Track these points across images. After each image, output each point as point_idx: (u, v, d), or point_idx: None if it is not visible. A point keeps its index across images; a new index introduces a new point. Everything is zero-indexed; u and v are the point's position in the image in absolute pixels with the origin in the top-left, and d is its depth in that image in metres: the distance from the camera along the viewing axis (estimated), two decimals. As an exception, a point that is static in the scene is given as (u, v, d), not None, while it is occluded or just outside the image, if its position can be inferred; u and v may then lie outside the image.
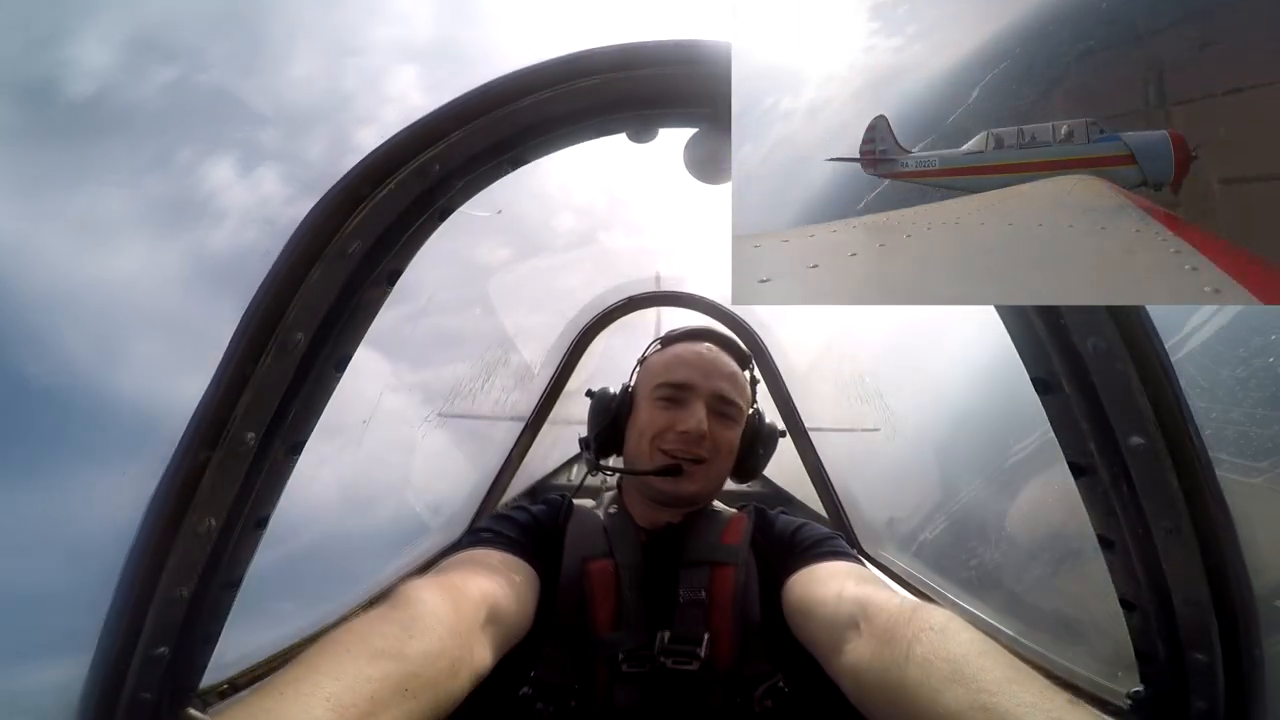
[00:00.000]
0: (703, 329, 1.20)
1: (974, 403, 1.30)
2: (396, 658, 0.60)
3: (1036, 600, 1.14)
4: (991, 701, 0.54)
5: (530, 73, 0.60)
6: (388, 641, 0.61)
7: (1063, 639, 1.03)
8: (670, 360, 1.11)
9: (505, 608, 0.81)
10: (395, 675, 0.58)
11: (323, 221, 0.64)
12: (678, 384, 1.06)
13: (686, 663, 0.90)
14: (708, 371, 1.07)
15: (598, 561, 0.99)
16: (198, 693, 0.83)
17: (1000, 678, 0.57)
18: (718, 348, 1.14)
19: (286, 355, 0.67)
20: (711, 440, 1.04)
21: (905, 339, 1.54)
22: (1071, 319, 0.63)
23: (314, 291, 0.66)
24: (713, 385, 1.06)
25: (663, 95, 0.61)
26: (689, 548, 1.02)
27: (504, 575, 0.86)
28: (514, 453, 2.12)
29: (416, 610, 0.68)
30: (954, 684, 0.57)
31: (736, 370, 1.13)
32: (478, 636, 0.73)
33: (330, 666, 0.56)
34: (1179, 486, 0.66)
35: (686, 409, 1.04)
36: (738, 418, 1.10)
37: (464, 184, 0.66)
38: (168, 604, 0.70)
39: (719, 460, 1.07)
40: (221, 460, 0.68)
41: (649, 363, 1.16)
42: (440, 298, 1.36)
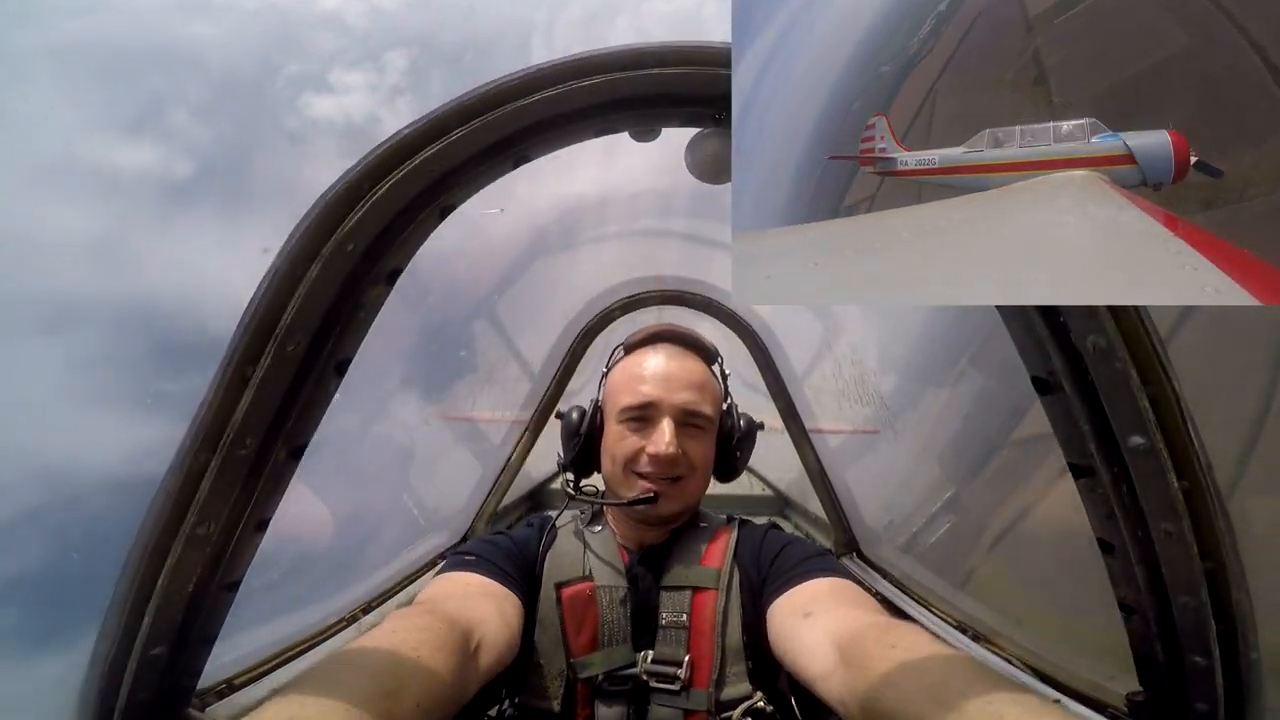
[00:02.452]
0: (662, 330, 1.15)
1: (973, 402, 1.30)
2: (400, 677, 0.61)
3: (1035, 601, 1.14)
4: (961, 715, 0.54)
5: (533, 71, 0.60)
6: (391, 661, 0.62)
7: (1061, 641, 1.03)
8: (632, 376, 1.07)
9: (491, 636, 0.81)
10: (400, 694, 0.59)
11: (321, 219, 0.63)
12: (641, 405, 1.03)
13: (669, 683, 0.91)
14: (671, 385, 1.04)
15: (577, 585, 0.99)
16: (196, 693, 0.83)
17: (967, 690, 0.57)
18: (680, 350, 1.10)
19: (286, 356, 0.67)
20: (685, 458, 1.02)
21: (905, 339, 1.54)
22: (1071, 319, 0.64)
23: (313, 291, 0.66)
24: (678, 399, 1.03)
25: (665, 95, 0.61)
26: (672, 570, 1.02)
27: (490, 603, 0.87)
28: (514, 455, 2.12)
29: (415, 634, 0.69)
30: (925, 702, 0.58)
31: (702, 373, 1.09)
32: (463, 662, 0.74)
33: (318, 692, 0.57)
34: (1179, 487, 0.66)
35: (655, 428, 1.02)
36: (709, 426, 1.07)
37: (465, 181, 0.66)
38: (167, 605, 0.70)
39: (695, 475, 1.05)
40: (221, 464, 0.68)
41: (612, 376, 1.13)
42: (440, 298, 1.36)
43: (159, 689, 0.74)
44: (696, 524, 1.10)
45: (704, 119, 0.63)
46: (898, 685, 0.61)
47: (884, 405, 1.64)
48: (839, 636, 0.75)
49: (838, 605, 0.85)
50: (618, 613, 0.98)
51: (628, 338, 1.18)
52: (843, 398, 1.83)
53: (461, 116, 0.61)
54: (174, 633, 0.72)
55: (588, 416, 1.11)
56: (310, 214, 0.64)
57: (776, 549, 1.03)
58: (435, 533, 1.89)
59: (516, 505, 2.61)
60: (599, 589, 0.99)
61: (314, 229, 0.64)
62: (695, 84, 0.60)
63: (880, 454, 1.79)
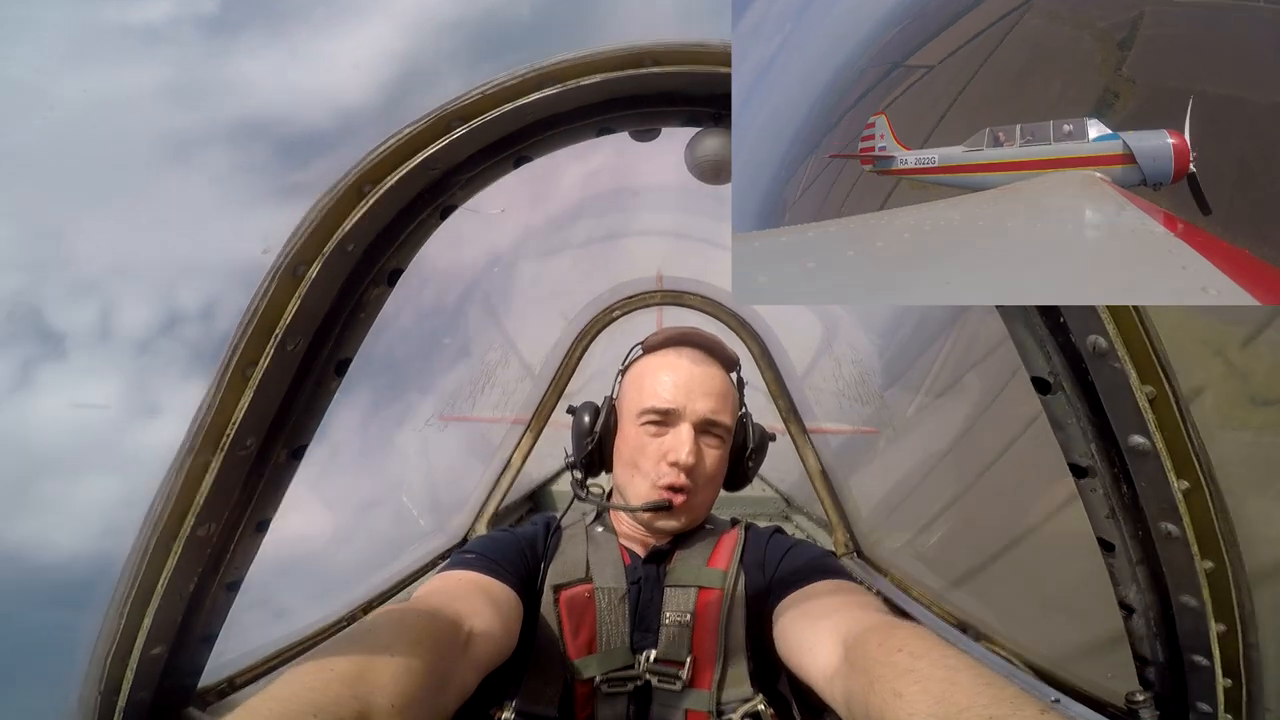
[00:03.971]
0: (686, 333, 1.13)
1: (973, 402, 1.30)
2: (371, 679, 0.60)
3: (1036, 601, 1.14)
4: (963, 718, 0.54)
5: (533, 71, 0.60)
6: (362, 663, 0.62)
7: (1062, 640, 1.03)
8: (654, 378, 1.05)
9: (484, 628, 0.81)
10: (372, 696, 0.59)
11: (322, 219, 0.63)
12: (663, 410, 1.02)
13: (670, 683, 0.91)
14: (693, 392, 1.03)
15: (577, 587, 0.99)
16: (197, 692, 0.83)
17: (970, 692, 0.57)
18: (703, 356, 1.09)
19: (286, 357, 0.67)
20: (701, 467, 1.01)
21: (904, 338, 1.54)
22: (1071, 319, 0.64)
23: (313, 291, 0.66)
24: (699, 407, 1.02)
25: (665, 95, 0.61)
26: (677, 569, 1.01)
27: (484, 598, 0.87)
28: (514, 455, 2.12)
29: (389, 631, 0.69)
30: (927, 706, 0.58)
31: (724, 382, 1.08)
32: (456, 655, 0.74)
33: (317, 683, 0.57)
34: (1179, 488, 0.66)
35: (674, 435, 1.01)
36: (726, 436, 1.06)
37: (466, 181, 0.66)
38: (167, 605, 0.70)
39: (708, 485, 1.05)
40: (222, 465, 0.68)
41: (631, 374, 1.11)
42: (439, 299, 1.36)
43: (160, 688, 0.74)
44: (702, 526, 1.10)
45: (704, 118, 0.63)
46: (899, 689, 0.61)
47: (884, 404, 1.64)
48: (843, 638, 0.75)
49: (842, 607, 0.85)
50: (617, 614, 0.98)
51: (648, 338, 1.16)
52: (842, 397, 1.83)
53: (462, 116, 0.61)
54: (175, 632, 0.73)
55: (601, 415, 1.10)
56: (310, 214, 0.64)
57: (782, 552, 1.03)
58: (435, 533, 1.89)
59: (517, 506, 2.61)
60: (599, 590, 0.99)
61: (314, 229, 0.64)
62: (695, 84, 0.60)
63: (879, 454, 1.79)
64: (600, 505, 1.08)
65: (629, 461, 1.04)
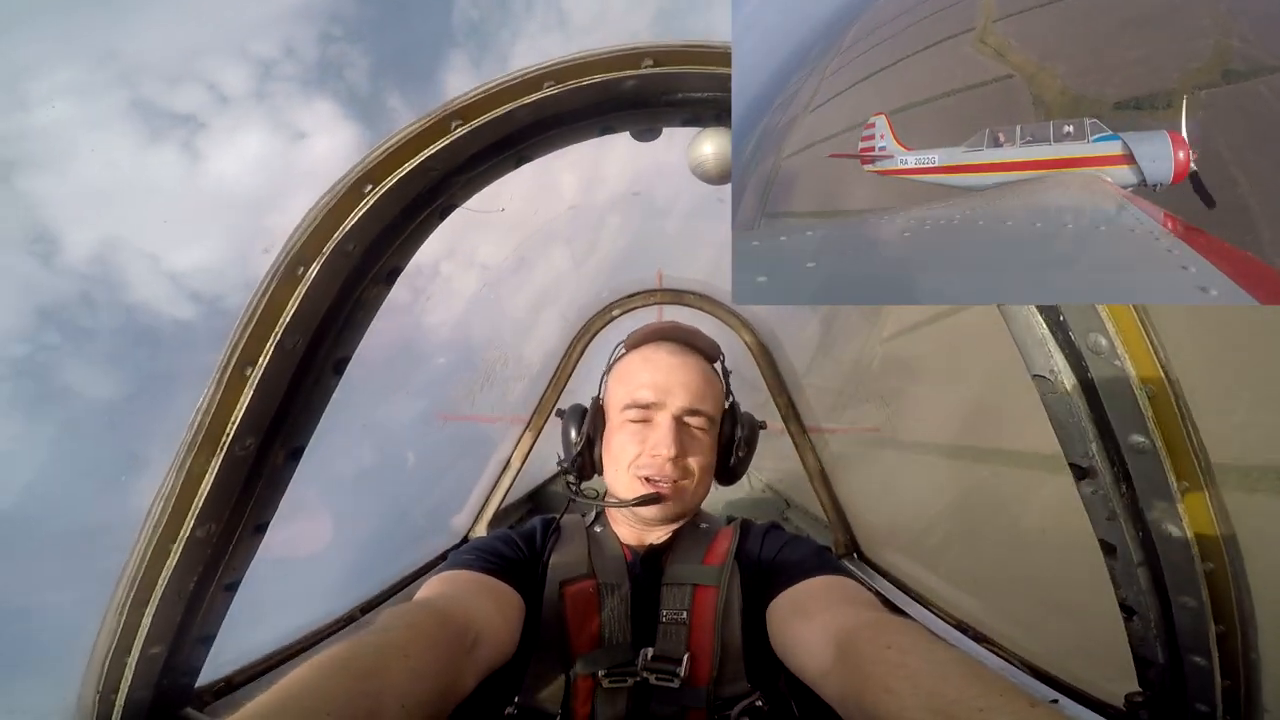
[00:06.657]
0: (665, 327, 1.13)
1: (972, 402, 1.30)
2: (385, 678, 0.60)
3: (1035, 601, 1.14)
4: (953, 713, 0.54)
5: (533, 71, 0.60)
6: (376, 662, 0.62)
7: (1061, 640, 1.03)
8: (635, 373, 1.06)
9: (489, 631, 0.81)
10: (384, 695, 0.59)
11: (321, 219, 0.63)
12: (644, 404, 1.02)
13: (668, 680, 0.91)
14: (673, 384, 1.03)
15: (579, 583, 0.99)
16: (195, 692, 0.83)
17: (961, 686, 0.57)
18: (681, 348, 1.09)
19: (285, 356, 0.67)
20: (684, 460, 1.02)
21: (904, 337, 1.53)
22: (1071, 318, 0.64)
23: (313, 290, 0.66)
24: (680, 399, 1.02)
25: (665, 95, 0.61)
26: (673, 567, 1.02)
27: (488, 598, 0.87)
28: (514, 455, 2.12)
29: (403, 632, 0.69)
30: (916, 702, 0.58)
31: (704, 371, 1.08)
32: (463, 658, 0.74)
33: (320, 685, 0.57)
34: (1179, 488, 0.66)
35: (656, 429, 1.01)
36: (710, 426, 1.06)
37: (465, 181, 0.66)
38: (166, 605, 0.70)
39: (697, 475, 1.05)
40: (221, 465, 0.68)
41: (615, 372, 1.12)
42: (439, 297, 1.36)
43: (158, 687, 0.74)
44: (698, 524, 1.10)
45: (704, 118, 0.63)
46: (890, 685, 0.61)
47: (884, 404, 1.64)
48: (837, 634, 0.75)
49: (836, 603, 0.85)
50: (619, 610, 0.98)
51: (629, 335, 1.17)
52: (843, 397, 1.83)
53: (462, 116, 0.61)
54: (173, 632, 0.73)
55: (588, 415, 1.10)
56: (310, 214, 0.64)
57: (777, 547, 1.03)
58: (433, 536, 1.89)
59: (517, 506, 2.61)
60: (602, 586, 0.99)
61: (314, 229, 0.64)
62: (695, 84, 0.60)
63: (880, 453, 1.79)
64: (594, 504, 1.09)
65: (615, 457, 1.05)
